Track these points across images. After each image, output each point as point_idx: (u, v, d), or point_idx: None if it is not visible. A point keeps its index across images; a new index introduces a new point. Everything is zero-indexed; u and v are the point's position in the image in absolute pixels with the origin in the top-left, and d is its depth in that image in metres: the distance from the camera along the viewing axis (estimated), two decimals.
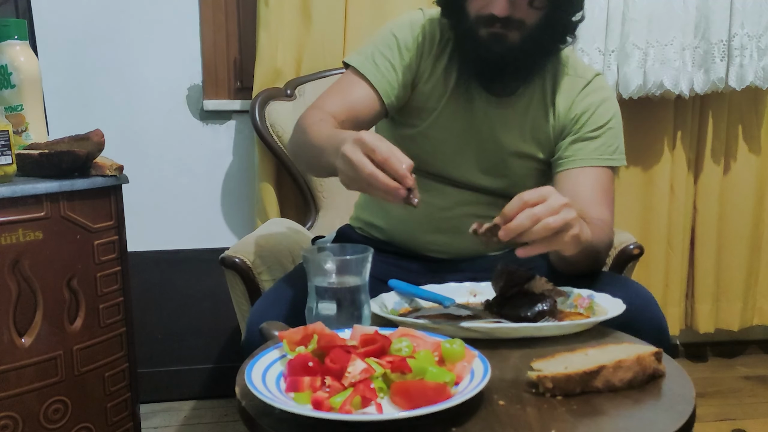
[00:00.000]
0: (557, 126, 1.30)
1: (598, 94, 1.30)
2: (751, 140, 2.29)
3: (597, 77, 1.32)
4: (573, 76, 1.30)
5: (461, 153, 1.31)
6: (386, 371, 0.76)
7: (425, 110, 1.31)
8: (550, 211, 0.93)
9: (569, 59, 1.33)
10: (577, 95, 1.29)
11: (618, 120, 1.31)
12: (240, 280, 1.45)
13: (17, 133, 1.30)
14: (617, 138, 1.30)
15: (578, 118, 1.28)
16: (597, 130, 1.27)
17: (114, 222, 1.25)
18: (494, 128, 1.29)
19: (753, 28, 2.07)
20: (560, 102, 1.29)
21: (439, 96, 1.30)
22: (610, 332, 1.01)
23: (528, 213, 0.92)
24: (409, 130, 1.34)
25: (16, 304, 1.11)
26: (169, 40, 2.05)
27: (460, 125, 1.30)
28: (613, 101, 1.32)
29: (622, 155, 1.31)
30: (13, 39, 1.30)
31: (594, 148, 1.27)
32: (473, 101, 1.29)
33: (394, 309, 1.09)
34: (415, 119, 1.33)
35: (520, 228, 0.92)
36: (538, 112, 1.30)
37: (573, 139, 1.28)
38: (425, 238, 1.34)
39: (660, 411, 0.76)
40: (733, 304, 2.36)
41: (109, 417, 1.25)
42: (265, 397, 0.72)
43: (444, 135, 1.31)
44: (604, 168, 1.27)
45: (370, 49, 1.29)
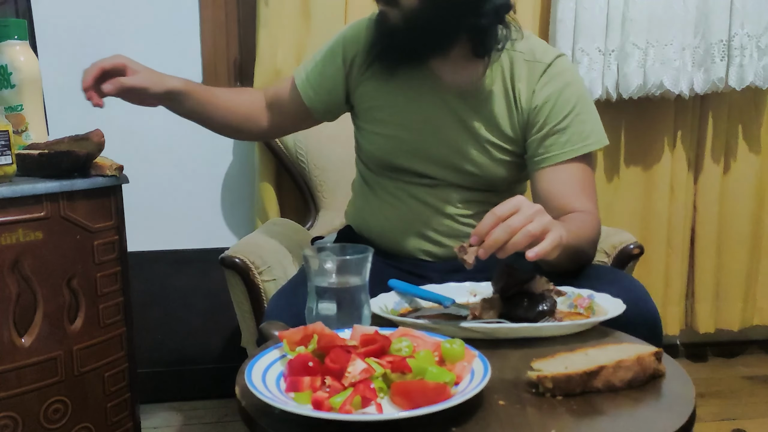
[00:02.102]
0: (521, 118, 1.27)
1: (559, 80, 1.26)
2: (751, 140, 2.29)
3: (557, 60, 1.27)
4: (531, 61, 1.27)
5: (425, 146, 1.30)
6: (386, 371, 0.76)
7: (375, 106, 1.33)
8: (525, 220, 0.93)
9: (527, 43, 1.28)
10: (536, 83, 1.26)
11: (584, 102, 1.27)
12: (240, 280, 1.45)
13: (17, 133, 1.30)
14: (587, 121, 1.27)
15: (540, 109, 1.25)
16: (563, 120, 1.25)
17: (114, 222, 1.24)
18: (454, 119, 1.28)
19: (753, 27, 2.06)
20: (520, 90, 1.27)
21: (384, 91, 1.31)
22: (611, 332, 1.01)
23: (503, 226, 0.93)
24: (368, 130, 1.36)
25: (15, 304, 1.10)
26: (168, 40, 2.04)
27: (418, 118, 1.30)
28: (576, 84, 1.28)
29: (598, 135, 1.28)
30: (13, 39, 1.30)
31: (565, 141, 1.24)
32: (426, 93, 1.28)
33: (394, 309, 1.09)
34: (368, 119, 1.35)
35: (498, 242, 0.92)
36: (500, 103, 1.27)
37: (542, 135, 1.25)
38: (409, 243, 1.34)
39: (660, 411, 0.76)
40: (733, 303, 2.36)
41: (109, 417, 1.25)
42: (265, 397, 0.72)
43: (403, 130, 1.31)
44: (579, 158, 1.25)
45: (312, 56, 1.39)
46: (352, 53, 1.33)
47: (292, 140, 1.94)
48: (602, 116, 2.14)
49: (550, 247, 0.95)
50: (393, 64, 1.26)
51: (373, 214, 1.38)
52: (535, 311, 1.00)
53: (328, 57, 1.35)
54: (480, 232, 0.94)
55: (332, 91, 1.35)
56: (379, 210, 1.37)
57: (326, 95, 1.36)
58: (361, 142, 1.40)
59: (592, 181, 1.29)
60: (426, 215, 1.32)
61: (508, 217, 0.93)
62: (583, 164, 1.26)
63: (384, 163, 1.35)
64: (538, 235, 0.94)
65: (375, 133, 1.34)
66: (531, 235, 0.93)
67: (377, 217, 1.37)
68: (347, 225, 1.48)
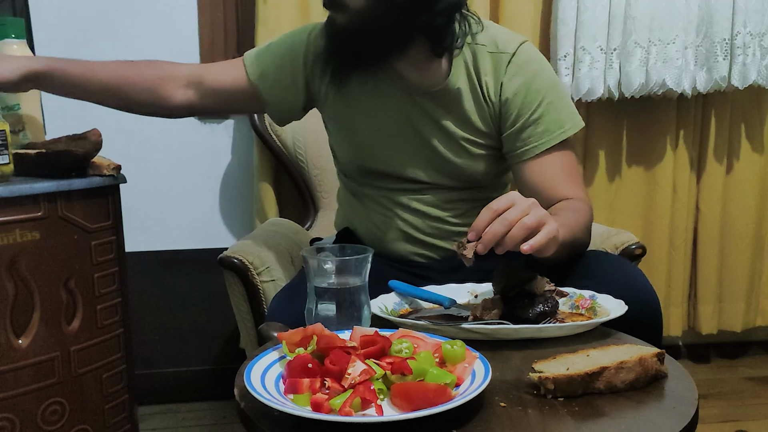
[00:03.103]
0: (492, 112, 1.26)
1: (526, 70, 1.24)
2: (754, 139, 2.29)
3: (521, 48, 1.25)
4: (495, 53, 1.25)
5: (398, 151, 1.30)
6: (386, 373, 0.76)
7: (342, 116, 1.32)
8: (521, 213, 0.93)
9: (487, 34, 1.26)
10: (503, 75, 1.24)
11: (555, 88, 1.26)
12: (239, 280, 1.44)
13: (14, 133, 1.29)
14: (561, 108, 1.25)
15: (511, 102, 1.24)
16: (536, 110, 1.23)
17: (112, 222, 1.24)
18: (425, 121, 1.27)
19: (756, 26, 2.06)
20: (487, 84, 1.25)
21: (348, 99, 1.29)
22: (612, 333, 1.01)
23: (500, 219, 0.93)
24: (343, 140, 1.35)
25: (13, 304, 1.10)
26: (166, 38, 2.04)
27: (385, 124, 1.28)
28: (543, 72, 1.26)
29: (574, 119, 1.26)
30: (10, 38, 1.29)
31: (542, 131, 1.23)
32: (392, 97, 1.27)
33: (394, 310, 1.09)
34: (340, 127, 1.34)
35: (496, 235, 0.92)
36: (468, 98, 1.26)
37: (518, 128, 1.24)
38: (401, 249, 1.34)
39: (662, 412, 0.76)
40: (736, 305, 2.35)
41: (107, 419, 1.24)
42: (264, 399, 0.72)
43: (372, 136, 1.30)
44: (559, 145, 1.24)
45: (263, 49, 1.34)
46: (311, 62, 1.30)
47: (291, 140, 1.93)
48: (604, 116, 2.18)
49: (546, 239, 0.95)
50: (346, 69, 1.24)
51: (362, 224, 1.38)
52: (536, 312, 1.00)
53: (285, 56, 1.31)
54: (477, 227, 0.94)
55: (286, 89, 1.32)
56: (366, 219, 1.36)
57: (279, 90, 1.32)
58: (338, 152, 1.40)
59: (576, 165, 1.28)
60: (414, 221, 1.32)
61: (504, 211, 0.93)
62: (563, 150, 1.25)
63: (362, 170, 1.35)
64: (534, 227, 0.94)
65: (348, 142, 1.34)
66: (527, 227, 0.93)
67: (366, 227, 1.37)
68: (345, 227, 1.47)
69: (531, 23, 2.09)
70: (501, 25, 1.32)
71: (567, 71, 2.04)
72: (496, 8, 2.08)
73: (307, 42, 1.30)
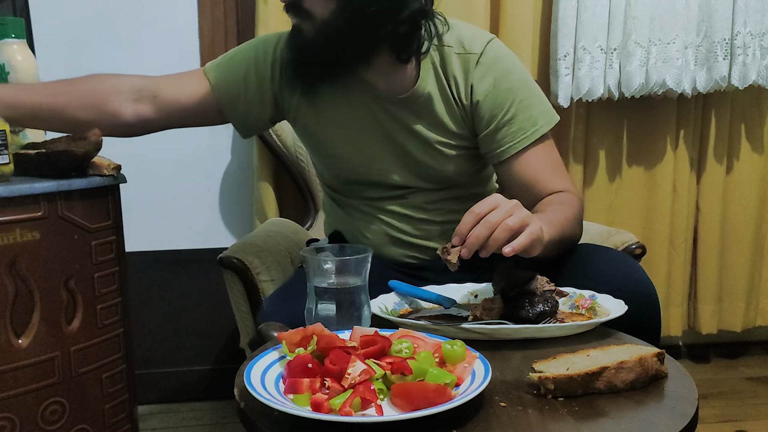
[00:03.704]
0: (464, 113, 1.25)
1: (494, 70, 1.22)
2: (754, 139, 2.29)
3: (488, 47, 1.23)
4: (462, 54, 1.23)
5: (375, 159, 1.28)
6: (386, 373, 0.76)
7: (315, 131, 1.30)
8: (504, 215, 0.94)
9: (453, 34, 1.24)
10: (472, 76, 1.22)
11: (525, 86, 1.24)
12: (238, 280, 1.44)
13: (14, 133, 1.29)
14: (533, 105, 1.23)
15: (482, 104, 1.23)
16: (507, 112, 1.22)
17: (112, 222, 1.24)
18: (398, 127, 1.26)
19: (756, 26, 2.06)
20: (457, 86, 1.24)
21: (318, 112, 1.28)
22: (612, 333, 1.01)
23: (483, 222, 0.93)
24: (319, 153, 1.35)
25: (13, 304, 1.10)
26: (167, 39, 2.04)
27: (357, 133, 1.27)
28: (513, 70, 1.24)
29: (547, 116, 1.24)
30: (10, 38, 1.29)
31: (515, 131, 1.22)
32: (361, 106, 1.25)
33: (394, 310, 1.08)
34: (314, 141, 1.33)
35: (480, 238, 0.93)
36: (438, 101, 1.25)
37: (492, 130, 1.23)
38: (392, 253, 1.34)
39: (662, 412, 0.76)
40: (736, 304, 2.35)
41: (107, 418, 1.24)
42: (264, 399, 0.72)
43: (345, 147, 1.29)
44: (537, 141, 1.23)
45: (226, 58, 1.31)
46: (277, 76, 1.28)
47: (291, 140, 1.93)
48: (604, 115, 2.18)
49: (528, 240, 0.95)
50: (314, 79, 1.22)
51: (348, 232, 1.38)
52: (536, 312, 1.00)
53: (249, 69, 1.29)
54: (461, 232, 0.94)
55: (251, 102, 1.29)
56: (352, 227, 1.36)
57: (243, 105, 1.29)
58: (317, 163, 1.40)
59: (557, 158, 1.27)
60: (400, 225, 1.32)
61: (486, 214, 0.94)
62: (542, 145, 1.24)
63: (342, 180, 1.34)
64: (517, 228, 0.94)
65: (324, 154, 1.33)
66: (510, 229, 0.93)
67: (353, 235, 1.37)
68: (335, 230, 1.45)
69: (531, 23, 2.09)
70: (468, 24, 1.29)
71: (567, 71, 2.04)
72: (496, 8, 2.08)
73: (274, 55, 1.27)
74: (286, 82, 1.27)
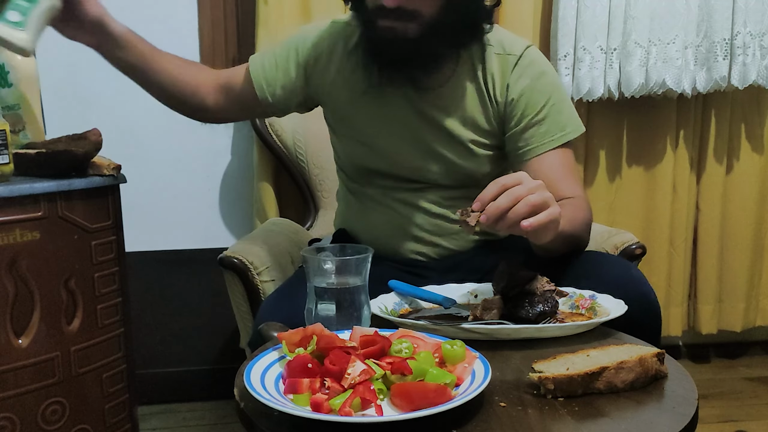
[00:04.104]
0: (497, 111, 1.27)
1: (531, 72, 1.26)
2: (753, 139, 2.28)
3: (527, 51, 1.27)
4: (501, 54, 1.27)
5: (397, 151, 1.30)
6: (386, 373, 0.76)
7: (347, 116, 1.32)
8: (528, 191, 0.94)
9: (494, 36, 1.28)
10: (509, 76, 1.26)
11: (558, 92, 1.28)
12: (239, 280, 1.44)
13: (14, 133, 1.30)
14: (563, 111, 1.27)
15: (516, 103, 1.25)
16: (540, 112, 1.25)
17: (112, 222, 1.24)
18: (429, 122, 1.28)
19: (755, 26, 2.06)
20: (493, 86, 1.26)
21: (355, 99, 1.29)
22: (612, 333, 1.00)
23: (507, 193, 0.93)
24: (344, 138, 1.35)
25: (13, 304, 1.10)
26: (167, 38, 2.02)
27: (386, 125, 1.29)
28: (549, 74, 1.28)
29: (575, 124, 1.28)
30: None
31: (544, 132, 1.25)
32: (397, 98, 1.27)
33: (394, 310, 1.08)
34: (344, 127, 1.34)
35: (501, 208, 0.93)
36: (473, 99, 1.27)
37: (521, 128, 1.25)
38: (402, 247, 1.33)
39: (662, 413, 0.76)
40: (735, 304, 2.35)
41: (107, 418, 1.24)
42: (264, 399, 0.72)
43: (372, 137, 1.30)
44: (560, 147, 1.25)
45: (268, 49, 1.36)
46: (318, 60, 1.31)
47: (291, 139, 1.93)
48: (604, 115, 2.18)
49: (547, 220, 0.95)
50: (390, 77, 1.23)
51: (362, 222, 1.38)
52: (536, 312, 1.00)
53: (287, 56, 1.34)
54: (483, 199, 0.94)
55: (293, 90, 1.34)
56: (366, 218, 1.36)
57: (284, 92, 1.34)
58: (339, 150, 1.40)
59: (575, 166, 1.30)
60: (414, 217, 1.31)
61: (511, 187, 0.93)
62: (564, 150, 1.26)
63: (364, 170, 1.35)
64: (539, 205, 0.94)
65: (352, 141, 1.34)
66: (532, 204, 0.93)
67: (366, 225, 1.37)
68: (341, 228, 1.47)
69: (531, 23, 2.09)
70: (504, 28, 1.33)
71: (567, 71, 2.04)
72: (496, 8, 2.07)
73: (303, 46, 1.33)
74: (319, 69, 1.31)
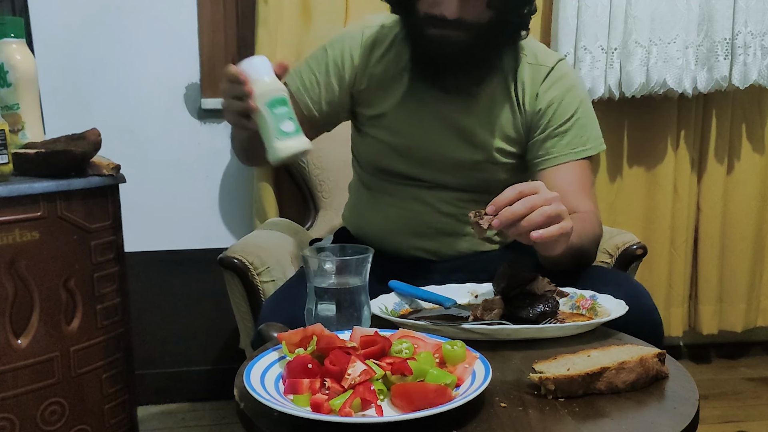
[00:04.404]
0: (524, 120, 1.28)
1: (562, 84, 1.28)
2: (754, 139, 2.28)
3: (559, 63, 1.30)
4: (534, 64, 1.28)
5: (427, 154, 1.30)
6: (386, 373, 0.75)
7: (379, 115, 1.31)
8: (544, 201, 0.94)
9: (528, 46, 1.30)
10: (540, 86, 1.27)
11: (585, 107, 1.29)
12: (239, 281, 1.44)
13: (13, 132, 1.29)
14: (587, 126, 1.28)
15: (544, 113, 1.27)
16: (565, 123, 1.26)
17: (111, 222, 1.24)
18: (458, 127, 1.28)
19: (756, 26, 2.05)
20: (523, 94, 1.28)
21: (391, 100, 1.29)
22: (613, 333, 1.00)
23: (523, 201, 0.93)
24: (370, 136, 1.34)
25: (12, 304, 1.10)
26: (166, 38, 2.03)
27: (420, 127, 1.29)
28: (578, 88, 1.30)
29: (597, 141, 1.30)
30: (9, 37, 1.29)
31: (565, 144, 1.26)
32: (431, 101, 1.27)
33: (394, 310, 1.08)
34: (372, 126, 1.33)
35: (515, 215, 0.93)
36: (502, 106, 1.28)
37: (543, 137, 1.27)
38: (410, 243, 1.33)
39: (663, 413, 0.76)
40: (736, 305, 2.34)
41: (107, 419, 1.24)
42: (264, 400, 0.71)
43: (404, 138, 1.30)
44: (579, 161, 1.26)
45: (302, 65, 1.35)
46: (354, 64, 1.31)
47: None
48: (605, 115, 2.17)
49: (558, 232, 0.95)
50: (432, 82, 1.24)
51: (373, 215, 1.38)
52: (537, 312, 0.99)
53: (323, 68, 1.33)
54: (498, 203, 0.94)
55: (335, 99, 1.33)
56: (378, 211, 1.36)
57: (328, 104, 1.33)
58: (361, 146, 1.40)
59: (592, 182, 1.30)
60: (426, 214, 1.32)
61: (528, 195, 0.93)
62: (583, 165, 1.28)
63: (383, 168, 1.35)
64: (553, 217, 0.94)
65: (377, 140, 1.33)
66: (547, 215, 0.93)
67: (377, 218, 1.37)
68: (343, 227, 1.46)
69: (532, 22, 2.07)
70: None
71: None
72: None
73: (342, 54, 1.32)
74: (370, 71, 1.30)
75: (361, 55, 1.31)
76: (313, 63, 1.34)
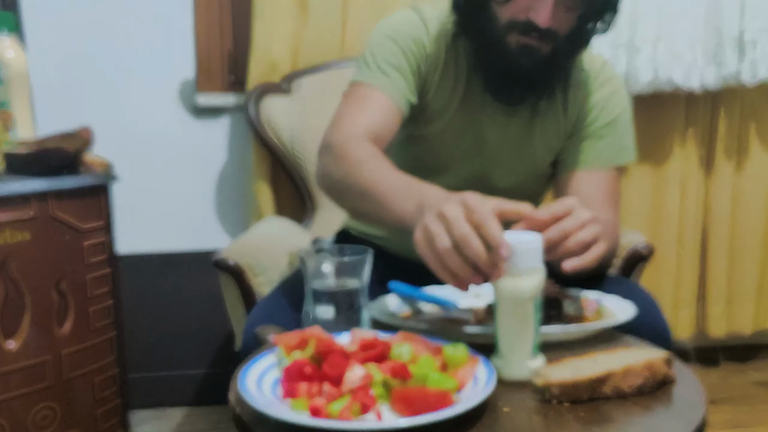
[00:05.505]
0: (569, 125, 1.26)
1: (608, 86, 1.26)
2: (764, 137, 2.27)
3: (604, 66, 1.28)
4: (579, 69, 1.26)
5: (470, 160, 1.27)
6: (386, 377, 0.74)
7: (432, 116, 1.27)
8: (579, 226, 0.89)
9: None
10: (586, 89, 1.25)
11: (627, 113, 1.27)
12: (234, 283, 1.43)
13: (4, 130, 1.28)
14: (624, 135, 1.26)
15: (588, 114, 1.24)
16: (605, 128, 1.24)
17: (103, 222, 1.23)
18: (507, 136, 1.25)
19: (765, 21, 2.04)
20: (571, 100, 1.25)
21: (448, 103, 1.25)
22: (619, 337, 0.99)
23: (557, 228, 0.89)
24: (410, 144, 1.30)
25: (3, 306, 1.10)
26: (160, 33, 2.02)
27: (470, 133, 1.25)
28: (623, 92, 1.28)
29: (630, 151, 1.27)
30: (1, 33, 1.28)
31: (599, 149, 1.23)
32: (484, 108, 1.23)
33: (394, 312, 1.06)
34: (422, 124, 1.29)
35: (551, 241, 0.88)
36: (550, 115, 1.25)
37: (579, 137, 1.25)
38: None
39: (670, 418, 0.75)
40: (745, 306, 2.33)
41: (99, 423, 1.24)
42: (261, 404, 0.71)
43: (452, 142, 1.26)
44: (610, 169, 1.24)
45: (375, 60, 1.22)
46: (423, 57, 1.23)
47: (288, 137, 1.91)
48: None
49: (593, 262, 0.91)
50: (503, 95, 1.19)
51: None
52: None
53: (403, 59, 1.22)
54: (533, 225, 0.89)
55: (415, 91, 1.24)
56: None
57: (414, 96, 1.24)
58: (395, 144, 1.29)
59: (618, 191, 1.27)
60: None
61: (562, 217, 0.89)
62: (611, 173, 1.25)
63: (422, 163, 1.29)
64: (589, 243, 0.90)
65: (425, 138, 1.28)
66: (583, 244, 0.89)
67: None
68: (344, 230, 1.43)
69: None
70: None
71: None
72: None
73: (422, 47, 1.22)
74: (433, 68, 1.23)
75: (424, 48, 1.22)
76: (390, 56, 1.22)
